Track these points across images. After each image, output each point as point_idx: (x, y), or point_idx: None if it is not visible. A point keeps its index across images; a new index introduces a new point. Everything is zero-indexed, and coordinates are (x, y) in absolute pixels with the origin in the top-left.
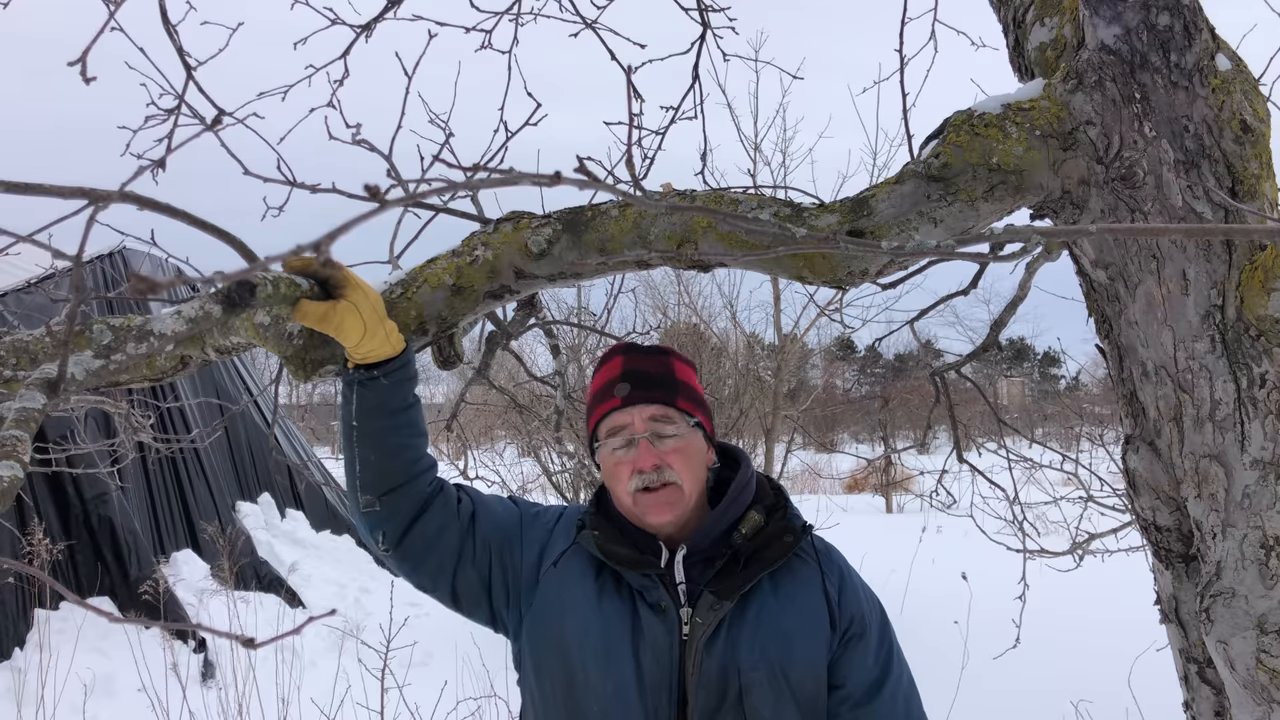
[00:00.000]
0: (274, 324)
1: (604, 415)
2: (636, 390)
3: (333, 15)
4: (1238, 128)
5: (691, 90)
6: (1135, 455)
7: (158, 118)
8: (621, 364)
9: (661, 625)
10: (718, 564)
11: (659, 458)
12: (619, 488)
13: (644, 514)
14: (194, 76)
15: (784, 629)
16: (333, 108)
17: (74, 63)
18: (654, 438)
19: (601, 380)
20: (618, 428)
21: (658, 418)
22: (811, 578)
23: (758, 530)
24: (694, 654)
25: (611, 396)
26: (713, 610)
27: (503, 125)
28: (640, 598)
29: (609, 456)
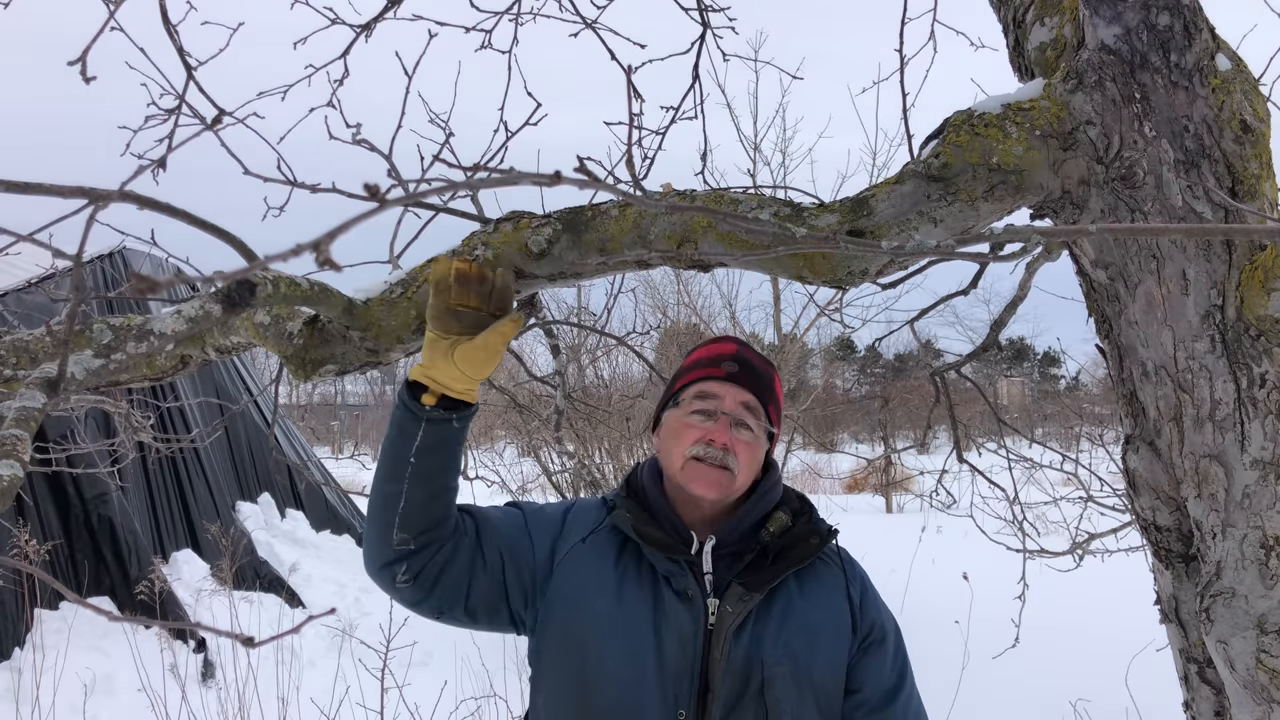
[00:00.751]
0: (274, 323)
1: (700, 379)
2: (743, 374)
3: (333, 15)
4: (1238, 128)
5: (691, 90)
6: (1135, 455)
7: (158, 117)
8: (736, 348)
9: (688, 613)
10: (746, 558)
11: (732, 441)
12: (678, 448)
13: (690, 481)
14: (194, 76)
15: (809, 627)
16: (333, 107)
17: (74, 62)
18: (736, 423)
19: (709, 352)
20: (710, 395)
21: (750, 406)
22: (835, 581)
23: (784, 530)
24: (722, 643)
25: (718, 367)
26: (742, 601)
27: (503, 125)
28: (666, 584)
29: (683, 417)
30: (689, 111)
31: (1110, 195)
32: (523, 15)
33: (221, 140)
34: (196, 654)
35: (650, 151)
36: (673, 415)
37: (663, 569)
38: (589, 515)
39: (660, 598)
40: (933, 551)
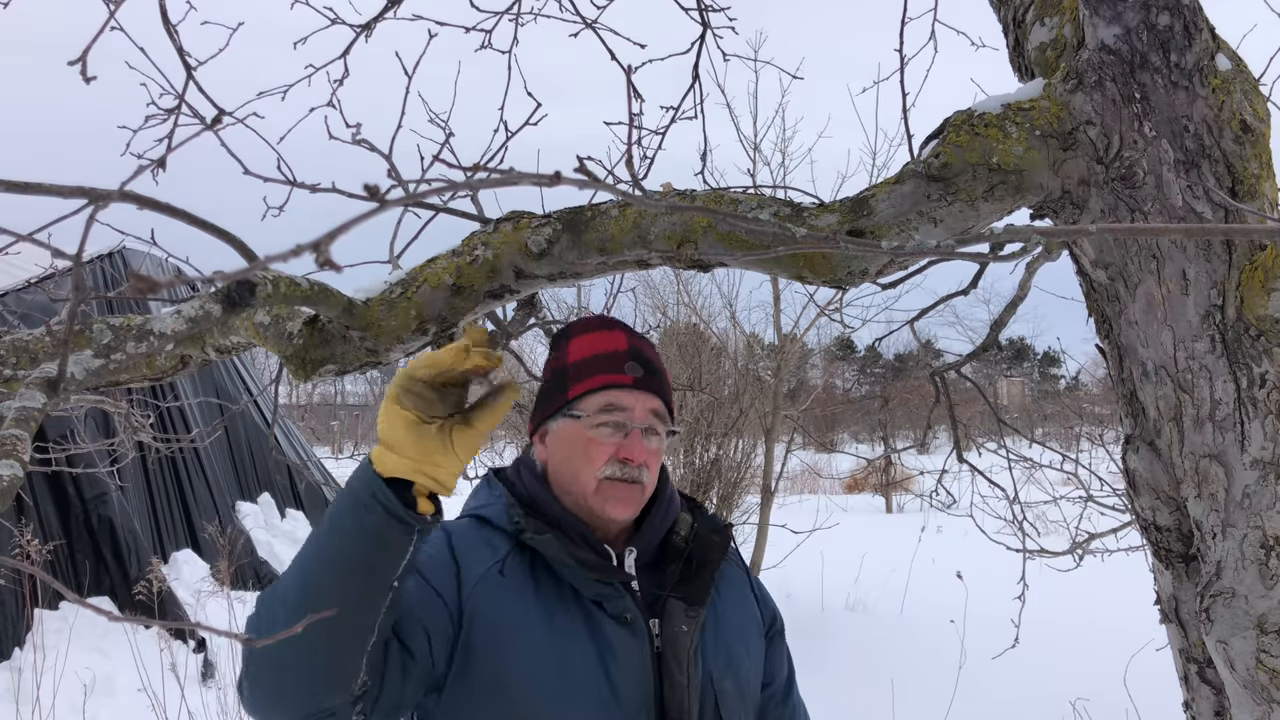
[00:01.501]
0: (274, 323)
1: (604, 387)
2: (648, 377)
3: (333, 15)
4: (1238, 127)
5: (691, 90)
6: (1135, 455)
7: (158, 117)
8: (628, 341)
9: (631, 639)
10: (668, 569)
11: (646, 454)
12: (586, 468)
13: (606, 504)
14: (194, 76)
15: (736, 631)
16: (333, 107)
17: (74, 62)
18: (646, 432)
19: (599, 347)
20: (618, 407)
21: (658, 414)
22: (739, 577)
23: (691, 532)
24: (685, 666)
25: (620, 371)
26: (689, 618)
27: (503, 125)
28: (598, 609)
29: (589, 431)
30: (689, 111)
31: (1110, 195)
32: (523, 15)
33: (221, 140)
34: (196, 654)
35: (650, 151)
36: (573, 428)
37: (591, 593)
38: (479, 541)
39: (597, 626)
40: (933, 551)
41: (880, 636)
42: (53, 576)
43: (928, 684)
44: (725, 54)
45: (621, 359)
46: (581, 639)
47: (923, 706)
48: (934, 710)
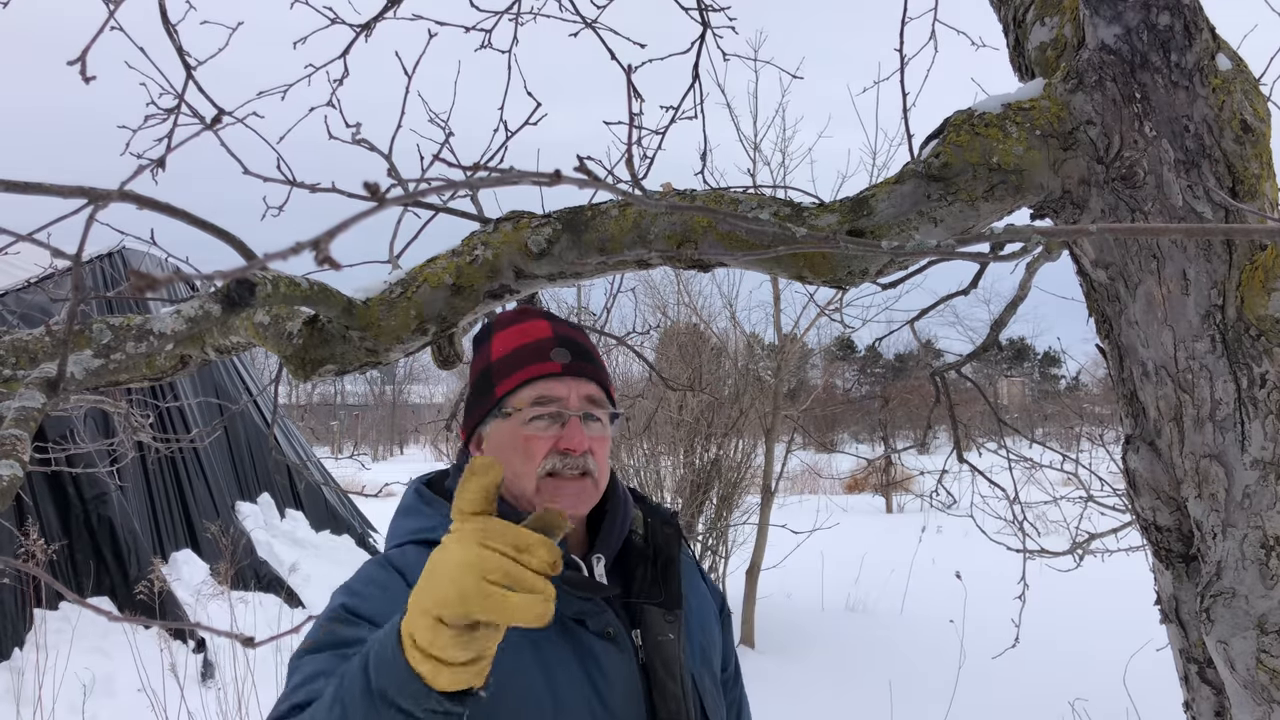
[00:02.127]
0: (273, 323)
1: (533, 379)
2: (576, 361)
3: (332, 15)
4: (1238, 127)
5: (691, 90)
6: (1135, 455)
7: (157, 117)
8: (551, 328)
9: (619, 655)
10: (639, 571)
11: (588, 442)
12: (525, 466)
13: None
14: (194, 76)
15: (701, 623)
16: (332, 107)
17: (73, 62)
18: (584, 419)
19: (522, 338)
20: (550, 398)
21: (593, 398)
22: (690, 564)
23: (645, 527)
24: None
25: (547, 359)
26: (670, 624)
27: (503, 125)
28: (580, 626)
29: (522, 428)
30: (689, 111)
31: (1110, 195)
32: (523, 15)
33: (221, 140)
34: (196, 654)
35: (650, 151)
36: (506, 428)
37: (571, 611)
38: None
39: (583, 646)
40: (933, 551)
41: (880, 636)
42: (53, 577)
43: (928, 684)
44: (725, 54)
45: (547, 347)
46: (570, 664)
47: (923, 706)
48: (934, 710)
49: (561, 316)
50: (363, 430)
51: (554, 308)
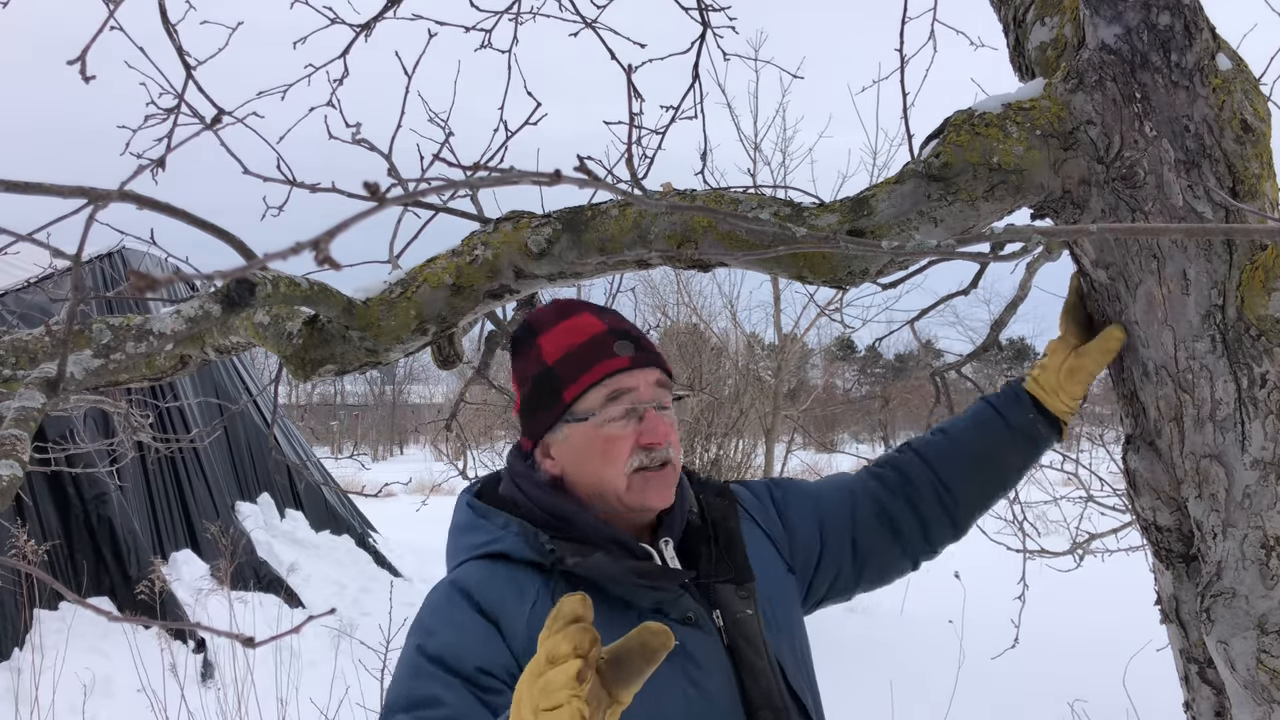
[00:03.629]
0: (273, 323)
1: (603, 378)
2: (640, 350)
3: (332, 14)
4: (1238, 127)
5: (691, 89)
6: (1135, 455)
7: (157, 117)
8: (601, 320)
9: (706, 639)
10: (704, 550)
11: (668, 432)
12: (610, 468)
13: (645, 498)
14: (194, 76)
15: (771, 586)
16: (332, 107)
17: (73, 61)
18: (658, 409)
19: (576, 336)
20: (623, 391)
21: (662, 384)
22: (748, 526)
23: (699, 504)
24: (762, 652)
25: (612, 354)
26: (744, 600)
27: (502, 124)
28: (659, 616)
29: (604, 429)
30: (689, 111)
31: (1111, 195)
32: (522, 15)
33: (221, 140)
34: (196, 654)
35: (650, 151)
36: (583, 431)
37: (649, 602)
38: (504, 583)
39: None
40: None
41: (880, 636)
42: (52, 577)
43: (927, 684)
44: (725, 53)
45: (608, 341)
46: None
47: (922, 706)
48: (934, 710)
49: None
50: (362, 430)
51: None
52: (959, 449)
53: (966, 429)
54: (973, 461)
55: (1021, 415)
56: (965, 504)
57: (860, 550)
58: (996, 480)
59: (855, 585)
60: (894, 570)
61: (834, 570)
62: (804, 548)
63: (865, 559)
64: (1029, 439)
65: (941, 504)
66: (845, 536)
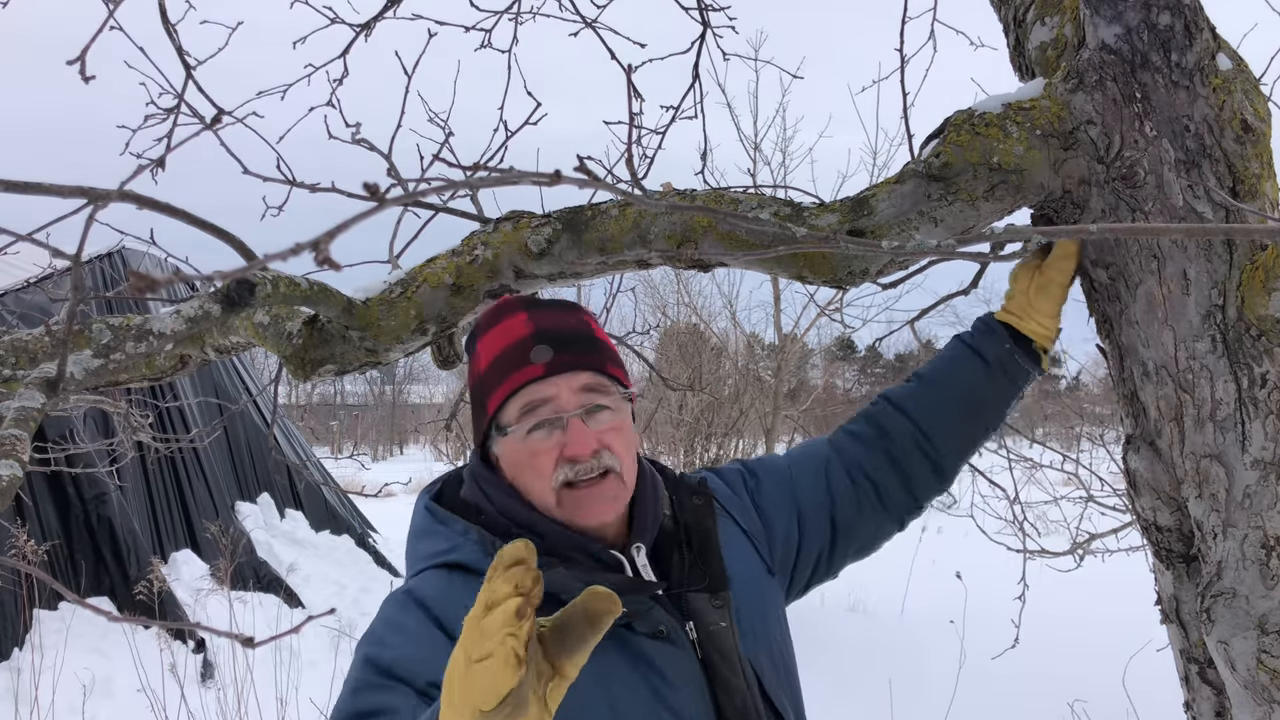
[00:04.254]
0: (273, 323)
1: (517, 388)
2: (561, 354)
3: (332, 14)
4: (1239, 127)
5: (691, 89)
6: (1136, 455)
7: (157, 117)
8: (529, 321)
9: (679, 654)
10: (675, 557)
11: (597, 440)
12: (538, 484)
13: (575, 514)
14: (193, 76)
15: (748, 588)
16: (332, 107)
17: (73, 61)
18: (587, 414)
19: (501, 342)
20: (537, 403)
21: (591, 387)
22: (726, 525)
23: (673, 506)
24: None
25: (527, 362)
26: (717, 609)
27: (502, 124)
28: (628, 630)
29: (523, 444)
30: (689, 111)
31: (1111, 195)
32: (522, 15)
33: (221, 140)
34: (195, 654)
35: (650, 151)
36: (509, 445)
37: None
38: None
39: (635, 651)
40: (933, 552)
41: (880, 636)
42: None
43: (927, 684)
44: (725, 53)
45: (527, 346)
46: (625, 675)
47: (922, 707)
48: (934, 710)
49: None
50: (362, 430)
51: None
52: (936, 392)
53: (941, 370)
54: (952, 403)
55: (998, 347)
56: (949, 450)
57: (840, 525)
58: (978, 421)
59: (842, 560)
60: (881, 535)
61: (815, 554)
62: (783, 540)
63: (848, 533)
64: (1006, 373)
65: (923, 452)
66: (824, 516)
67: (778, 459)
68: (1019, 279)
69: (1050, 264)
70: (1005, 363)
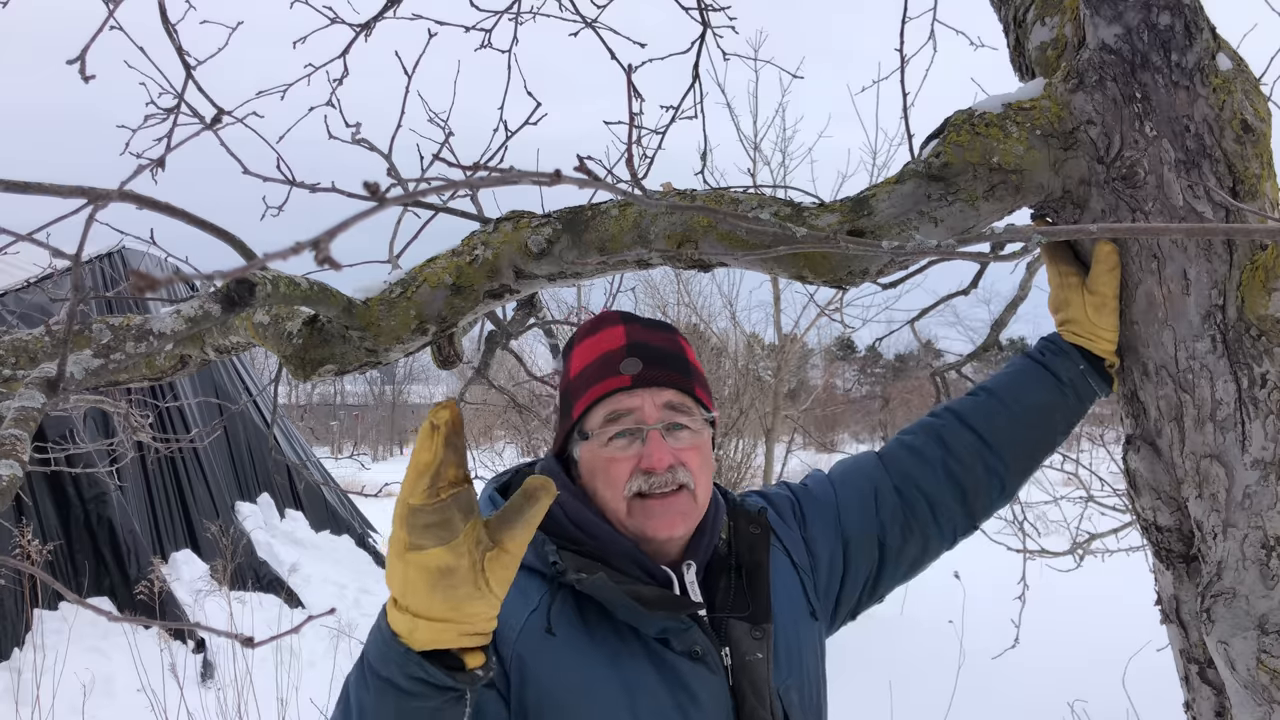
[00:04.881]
0: (273, 323)
1: (603, 396)
2: (650, 368)
3: (332, 14)
4: (1239, 127)
5: (691, 89)
6: (1136, 455)
7: (157, 117)
8: (625, 334)
9: (711, 675)
10: (722, 582)
11: (673, 455)
12: (609, 491)
13: (645, 525)
14: (193, 75)
15: (789, 624)
16: (332, 106)
17: (73, 61)
18: (667, 430)
19: (595, 351)
20: (622, 413)
21: (674, 405)
22: (778, 557)
23: (730, 531)
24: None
25: (615, 373)
26: (756, 640)
27: (502, 124)
28: (664, 646)
29: (602, 450)
30: (689, 111)
31: (1111, 195)
32: (522, 15)
33: (221, 140)
34: (196, 654)
35: (650, 151)
36: (589, 450)
37: (654, 630)
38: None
39: (667, 667)
40: None
41: (880, 637)
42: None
43: (927, 684)
44: (725, 53)
45: (617, 359)
46: (654, 687)
47: (922, 707)
48: (934, 711)
49: (646, 317)
50: (362, 430)
51: (554, 307)
52: (1007, 409)
53: (1013, 387)
54: (1023, 421)
55: (1072, 368)
56: (1015, 468)
57: (889, 549)
58: (1045, 440)
59: (890, 582)
60: (930, 553)
61: (861, 580)
62: (827, 569)
63: (898, 555)
64: (1078, 392)
65: (988, 468)
66: (872, 546)
67: (825, 483)
68: (1071, 303)
69: (1097, 279)
70: (1078, 383)
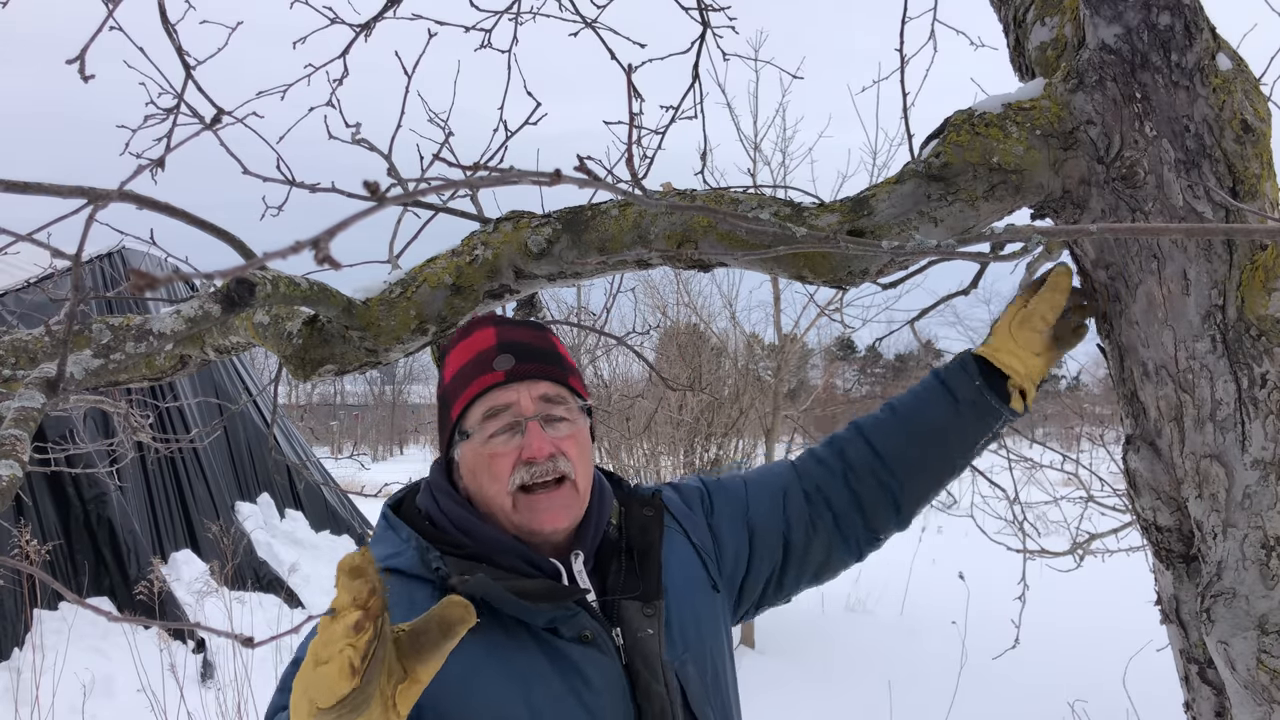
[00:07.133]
0: (273, 323)
1: (479, 394)
2: (523, 363)
3: (332, 14)
4: (1239, 127)
5: (691, 89)
6: (1136, 455)
7: (157, 117)
8: (496, 334)
9: (603, 658)
10: (613, 566)
11: (553, 445)
12: (494, 487)
13: (531, 519)
14: (193, 75)
15: (684, 600)
16: (332, 106)
17: (72, 61)
18: (545, 421)
19: (469, 353)
20: (499, 408)
21: (550, 397)
22: (674, 537)
23: (621, 516)
24: (659, 674)
25: (490, 370)
26: (647, 617)
27: (502, 124)
28: (553, 634)
29: (483, 447)
30: (689, 111)
31: (1111, 195)
32: (522, 15)
33: (220, 140)
34: (195, 654)
35: (650, 151)
36: (469, 449)
37: (542, 621)
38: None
39: (558, 655)
40: (933, 552)
41: (880, 637)
42: (52, 577)
43: (928, 684)
44: (725, 53)
45: (490, 357)
46: (547, 675)
47: (923, 707)
48: (934, 711)
49: (515, 318)
50: (362, 430)
51: (554, 308)
52: (903, 426)
53: (911, 404)
54: (917, 440)
55: (967, 385)
56: (910, 487)
57: (794, 548)
58: (942, 460)
59: (796, 583)
60: (836, 562)
61: (765, 573)
62: (732, 557)
63: (802, 556)
64: (977, 412)
65: (883, 486)
66: (776, 538)
67: (738, 479)
68: (1006, 311)
69: (1038, 295)
70: (975, 401)
